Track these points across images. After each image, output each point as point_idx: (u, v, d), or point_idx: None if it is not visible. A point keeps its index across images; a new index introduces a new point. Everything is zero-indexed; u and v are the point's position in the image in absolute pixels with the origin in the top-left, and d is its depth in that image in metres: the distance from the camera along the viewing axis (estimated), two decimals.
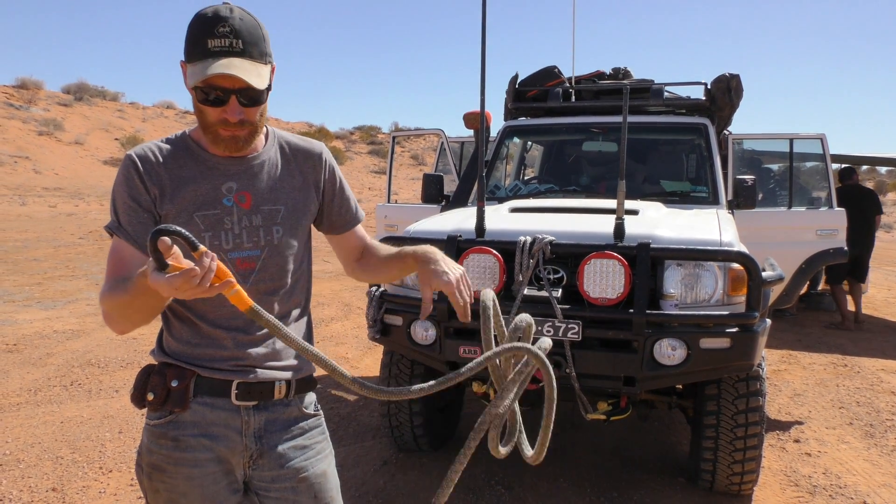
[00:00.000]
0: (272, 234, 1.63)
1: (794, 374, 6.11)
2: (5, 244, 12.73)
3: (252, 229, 1.60)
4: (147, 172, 1.54)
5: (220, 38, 1.45)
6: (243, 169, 1.62)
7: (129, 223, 1.53)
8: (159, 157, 1.57)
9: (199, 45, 1.45)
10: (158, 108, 42.05)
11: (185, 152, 1.60)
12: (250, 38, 1.48)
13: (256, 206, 1.62)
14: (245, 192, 1.61)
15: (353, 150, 43.54)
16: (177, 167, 1.57)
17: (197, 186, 1.57)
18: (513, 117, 5.80)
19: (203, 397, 1.58)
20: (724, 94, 5.09)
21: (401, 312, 3.40)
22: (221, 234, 1.57)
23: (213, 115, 1.51)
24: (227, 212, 1.58)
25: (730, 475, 3.39)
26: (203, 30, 1.45)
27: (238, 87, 1.47)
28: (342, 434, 4.34)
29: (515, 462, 3.96)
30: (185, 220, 1.54)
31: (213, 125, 1.52)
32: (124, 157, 1.57)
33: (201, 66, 1.45)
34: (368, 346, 6.61)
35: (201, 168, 1.58)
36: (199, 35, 1.46)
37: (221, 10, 1.47)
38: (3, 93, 33.25)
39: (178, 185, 1.55)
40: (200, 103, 1.50)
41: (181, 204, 1.55)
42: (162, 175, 1.55)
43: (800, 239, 5.06)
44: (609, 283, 3.03)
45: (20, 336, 6.59)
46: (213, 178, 1.58)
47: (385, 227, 5.71)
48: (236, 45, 1.46)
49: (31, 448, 4.02)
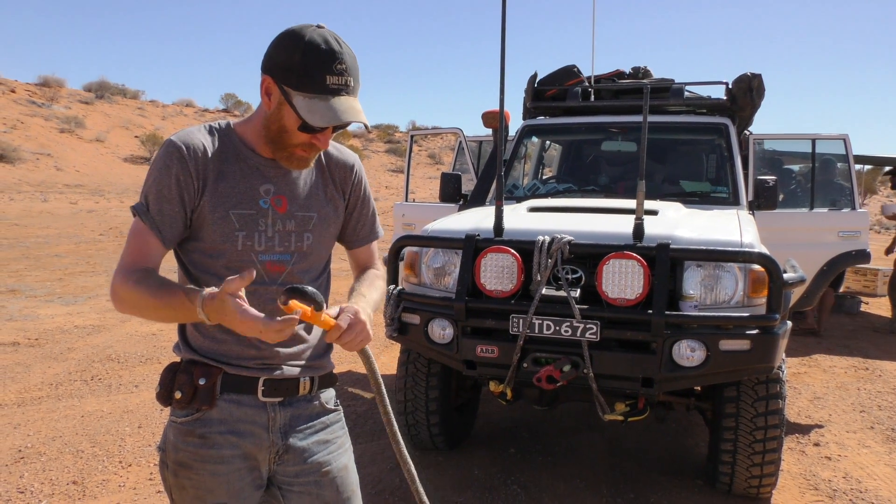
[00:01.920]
0: (303, 241, 1.64)
1: (814, 377, 6.05)
2: (27, 240, 12.91)
3: (285, 234, 1.61)
4: (193, 160, 1.52)
5: (338, 75, 1.46)
6: (282, 173, 1.62)
7: (158, 212, 1.52)
8: (206, 147, 1.56)
9: (315, 78, 1.45)
10: (178, 106, 42.44)
11: (230, 147, 1.59)
12: (357, 75, 1.51)
13: (291, 211, 1.62)
14: (282, 195, 1.61)
15: (370, 149, 43.65)
16: (219, 160, 1.57)
17: (235, 183, 1.56)
18: (531, 116, 5.79)
19: (230, 394, 1.59)
20: (746, 93, 5.04)
21: (418, 311, 3.40)
22: (255, 236, 1.57)
23: (302, 138, 1.52)
24: (263, 213, 1.58)
25: (748, 478, 3.36)
26: (319, 63, 1.45)
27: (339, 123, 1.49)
28: (359, 432, 4.36)
29: (532, 462, 3.96)
30: (220, 216, 1.54)
31: (294, 146, 1.53)
32: (166, 142, 1.54)
33: (322, 103, 1.46)
34: (386, 345, 6.63)
35: (242, 166, 1.58)
36: (314, 68, 1.45)
37: (332, 43, 1.46)
38: (26, 90, 33.73)
39: (217, 179, 1.55)
40: (298, 130, 1.50)
41: (218, 199, 1.55)
42: (208, 166, 1.54)
43: (822, 240, 5.01)
44: (628, 283, 3.01)
45: (42, 331, 6.68)
46: (252, 178, 1.59)
47: (403, 226, 5.72)
48: (351, 84, 1.48)
49: (52, 441, 4.08)
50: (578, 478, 3.79)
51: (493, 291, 3.22)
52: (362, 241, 1.84)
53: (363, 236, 1.83)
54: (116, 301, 1.52)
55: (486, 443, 4.27)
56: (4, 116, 29.01)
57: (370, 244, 1.86)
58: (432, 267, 3.52)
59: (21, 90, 33.48)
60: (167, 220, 1.52)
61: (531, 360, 3.13)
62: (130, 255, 1.52)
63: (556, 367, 3.06)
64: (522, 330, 3.08)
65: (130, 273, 1.49)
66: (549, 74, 5.72)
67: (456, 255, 3.41)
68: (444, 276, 3.49)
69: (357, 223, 1.81)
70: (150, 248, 1.52)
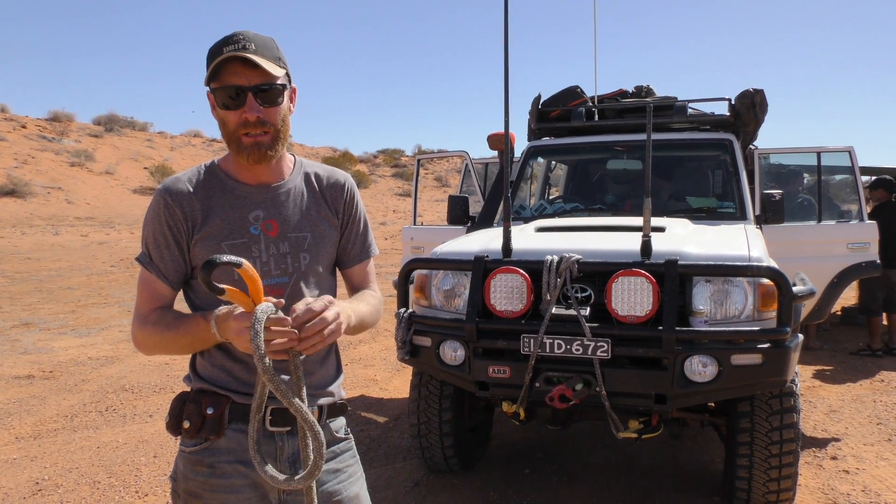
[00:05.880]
0: (299, 261, 1.66)
1: (829, 390, 6.00)
2: (40, 273, 13.01)
3: (280, 256, 1.63)
4: (179, 205, 1.59)
5: (234, 43, 1.51)
6: (270, 197, 1.65)
7: (160, 259, 1.59)
8: (189, 189, 1.61)
9: (214, 56, 1.52)
10: (186, 137, 42.89)
11: (214, 181, 1.64)
12: (263, 44, 1.55)
13: (283, 233, 1.64)
14: (272, 220, 1.64)
15: (377, 174, 43.90)
16: (206, 197, 1.61)
17: (225, 215, 1.61)
18: (536, 137, 5.83)
19: (238, 424, 1.61)
20: (749, 109, 5.08)
21: (429, 333, 3.42)
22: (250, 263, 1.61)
23: (234, 118, 1.54)
24: (255, 240, 1.61)
25: (765, 493, 3.34)
26: (220, 43, 1.53)
27: (254, 83, 1.52)
28: (373, 456, 4.35)
29: (548, 482, 3.94)
30: (213, 250, 1.58)
31: (234, 132, 1.56)
32: (156, 191, 1.62)
33: (215, 67, 1.51)
34: (397, 368, 6.63)
35: (229, 197, 1.62)
36: (215, 49, 1.53)
37: (235, 32, 1.54)
38: (37, 126, 34.19)
39: (207, 216, 1.60)
40: (220, 109, 1.55)
41: (209, 232, 1.59)
42: (195, 206, 1.59)
43: (831, 253, 5.01)
44: (637, 300, 3.02)
45: (56, 363, 6.72)
46: (240, 207, 1.62)
47: (412, 249, 5.74)
48: (249, 47, 1.52)
49: (68, 473, 4.09)
50: (595, 497, 3.77)
51: (503, 312, 3.24)
52: (355, 260, 1.82)
53: (355, 254, 1.82)
54: (139, 346, 1.60)
55: (500, 464, 4.26)
56: (16, 152, 29.38)
57: (364, 264, 1.84)
58: (442, 289, 3.54)
59: (32, 125, 33.96)
60: (169, 264, 1.59)
61: (543, 380, 3.14)
62: (144, 303, 1.61)
63: (569, 386, 3.07)
64: (534, 349, 3.09)
65: (146, 317, 1.58)
66: (552, 96, 5.77)
67: (465, 277, 3.43)
68: (455, 297, 3.51)
69: (347, 241, 1.80)
70: (160, 292, 1.60)
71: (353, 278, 1.84)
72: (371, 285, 1.86)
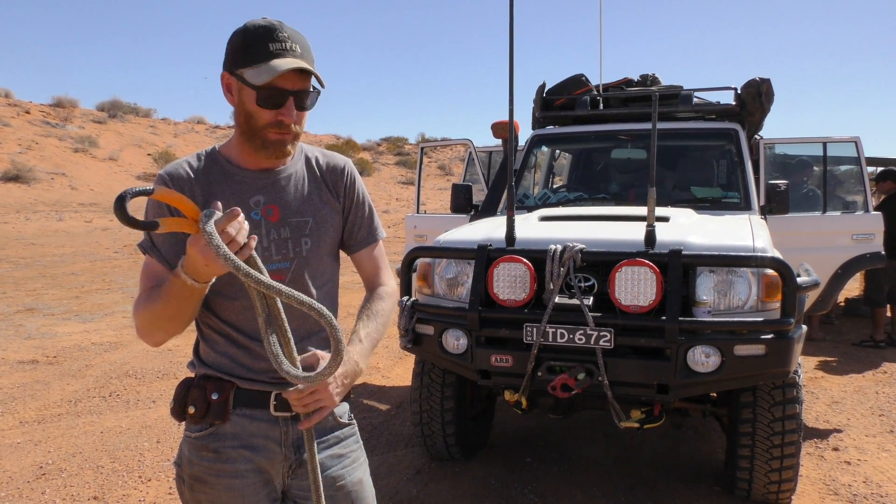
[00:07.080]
0: (301, 246, 1.65)
1: (831, 381, 6.00)
2: (44, 259, 13.04)
3: (281, 241, 1.63)
4: (180, 191, 1.56)
5: (281, 42, 1.49)
6: (270, 182, 1.64)
7: (161, 244, 1.57)
8: (190, 174, 1.60)
9: (258, 48, 1.48)
10: (189, 124, 42.84)
11: (215, 167, 1.63)
12: (304, 46, 1.54)
13: (284, 218, 1.64)
14: (272, 205, 1.63)
15: (380, 162, 43.82)
16: (207, 182, 1.60)
17: (225, 201, 1.58)
18: (541, 126, 5.81)
19: (242, 409, 1.61)
20: (755, 98, 5.04)
21: (432, 322, 3.42)
22: None
23: (268, 117, 1.53)
24: (255, 225, 1.60)
25: (767, 484, 3.35)
26: (260, 35, 1.49)
27: (297, 88, 1.52)
28: (375, 443, 4.37)
29: (549, 471, 3.96)
30: None
31: (263, 128, 1.54)
32: (156, 177, 1.60)
33: (266, 67, 1.47)
34: (399, 356, 6.64)
35: (230, 183, 1.62)
36: (256, 41, 1.49)
37: (271, 20, 1.52)
38: (41, 111, 34.16)
39: (208, 200, 1.58)
40: (258, 105, 1.52)
41: None
42: (195, 192, 1.58)
43: (835, 244, 4.99)
44: (640, 290, 3.02)
45: (60, 348, 6.74)
46: (241, 193, 1.61)
47: (415, 238, 5.74)
48: (295, 49, 1.51)
49: (72, 458, 4.11)
50: (595, 486, 3.78)
51: (506, 301, 3.24)
52: (362, 244, 1.80)
53: (361, 238, 1.80)
54: (141, 334, 1.57)
55: (502, 452, 4.27)
56: (20, 137, 29.37)
57: (372, 248, 1.82)
58: (445, 277, 3.54)
59: (35, 111, 33.92)
60: (171, 249, 1.57)
61: (545, 369, 3.14)
62: (144, 291, 1.57)
63: (571, 376, 3.07)
64: (536, 339, 3.09)
65: (139, 302, 1.55)
66: (557, 84, 5.74)
67: (468, 266, 3.43)
68: (457, 286, 3.50)
69: (353, 224, 1.78)
70: (162, 277, 1.56)
71: (364, 266, 1.82)
72: (382, 277, 1.83)
